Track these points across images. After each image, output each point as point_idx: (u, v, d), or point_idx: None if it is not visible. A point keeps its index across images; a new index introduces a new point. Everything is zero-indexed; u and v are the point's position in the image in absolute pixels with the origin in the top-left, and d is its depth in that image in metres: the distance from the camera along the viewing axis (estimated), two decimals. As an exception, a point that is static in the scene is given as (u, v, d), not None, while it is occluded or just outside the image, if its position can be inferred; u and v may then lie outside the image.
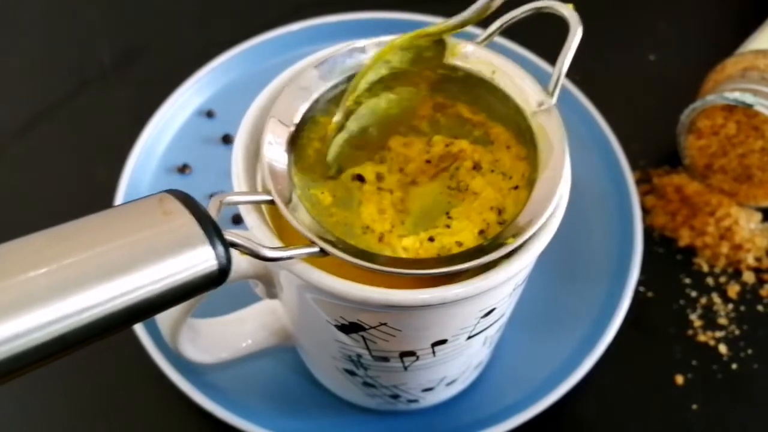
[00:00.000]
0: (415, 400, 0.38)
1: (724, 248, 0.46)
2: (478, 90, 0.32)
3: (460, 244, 0.29)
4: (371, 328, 0.30)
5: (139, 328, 0.40)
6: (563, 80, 0.30)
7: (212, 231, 0.23)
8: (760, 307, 0.45)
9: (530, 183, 0.29)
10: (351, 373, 0.35)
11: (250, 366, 0.40)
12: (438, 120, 0.33)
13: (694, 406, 0.41)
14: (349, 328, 0.30)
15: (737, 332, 0.44)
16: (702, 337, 0.43)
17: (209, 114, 0.50)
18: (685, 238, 0.47)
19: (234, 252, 0.25)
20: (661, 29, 0.58)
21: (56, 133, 0.52)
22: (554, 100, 0.30)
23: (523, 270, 0.29)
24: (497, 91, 0.31)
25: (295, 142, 0.30)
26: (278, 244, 0.28)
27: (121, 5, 0.59)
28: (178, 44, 0.56)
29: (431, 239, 0.30)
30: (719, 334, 0.44)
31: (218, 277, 0.23)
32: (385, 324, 0.29)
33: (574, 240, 0.45)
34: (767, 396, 0.42)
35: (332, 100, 0.32)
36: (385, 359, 0.32)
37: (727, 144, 0.46)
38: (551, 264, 0.43)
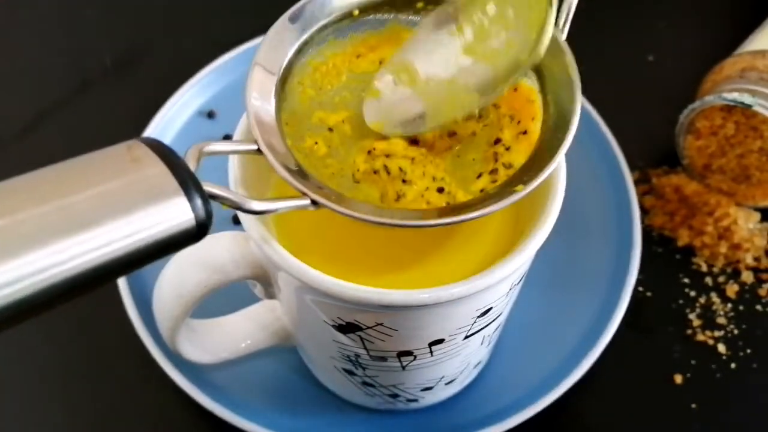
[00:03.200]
0: (415, 400, 0.38)
1: (723, 248, 0.46)
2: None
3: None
4: (368, 328, 0.30)
5: (139, 327, 0.40)
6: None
7: (188, 181, 0.21)
8: (758, 307, 0.45)
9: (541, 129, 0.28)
10: (350, 372, 0.35)
11: (251, 365, 0.41)
12: None
13: (693, 405, 0.41)
14: (347, 328, 0.30)
15: (736, 332, 0.44)
16: (701, 337, 0.44)
17: (210, 114, 0.50)
18: (683, 237, 0.47)
19: (230, 249, 0.23)
20: (659, 30, 0.58)
21: (57, 133, 0.52)
22: (564, 36, 0.29)
23: (519, 269, 0.29)
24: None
25: (283, 90, 0.29)
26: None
27: (122, 6, 0.59)
28: (180, 45, 0.56)
29: (440, 190, 0.29)
30: (718, 333, 0.44)
31: (197, 232, 0.21)
32: (381, 324, 0.29)
33: (572, 239, 0.45)
34: (766, 395, 0.42)
35: (322, 42, 0.30)
36: (383, 359, 0.33)
37: (726, 144, 0.47)
38: (550, 264, 0.43)
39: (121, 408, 0.41)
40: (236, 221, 0.44)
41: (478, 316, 0.31)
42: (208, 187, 0.22)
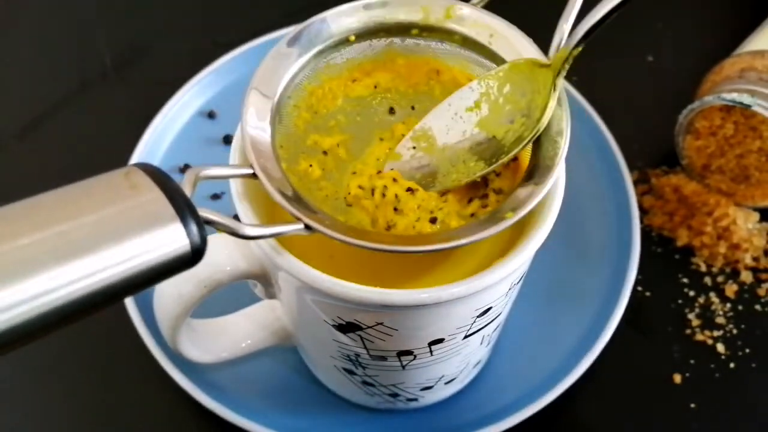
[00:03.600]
0: (415, 399, 0.38)
1: (722, 248, 0.46)
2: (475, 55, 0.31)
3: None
4: (368, 327, 0.30)
5: (140, 327, 0.40)
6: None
7: (184, 207, 0.21)
8: (757, 307, 0.45)
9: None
10: (350, 372, 0.35)
11: (251, 365, 0.41)
12: (432, 87, 0.33)
13: (693, 405, 0.41)
14: (347, 328, 0.30)
15: (735, 331, 0.44)
16: (700, 337, 0.44)
17: (210, 115, 0.50)
18: (683, 237, 0.47)
19: (230, 248, 0.24)
20: (658, 30, 0.58)
21: (57, 133, 0.52)
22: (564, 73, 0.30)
23: (518, 269, 0.29)
24: (495, 58, 0.31)
25: (279, 113, 0.30)
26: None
27: (122, 6, 0.59)
28: (180, 45, 0.56)
29: (432, 220, 0.29)
30: (717, 333, 0.44)
31: (191, 258, 0.22)
32: (381, 323, 0.29)
33: (571, 240, 0.45)
34: (765, 395, 0.42)
35: (318, 67, 0.31)
36: (383, 358, 0.33)
37: (725, 144, 0.47)
38: (549, 264, 0.43)
39: (122, 407, 0.41)
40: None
41: (478, 316, 0.31)
42: (204, 213, 0.22)
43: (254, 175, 0.27)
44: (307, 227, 0.26)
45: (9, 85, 0.55)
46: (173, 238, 0.21)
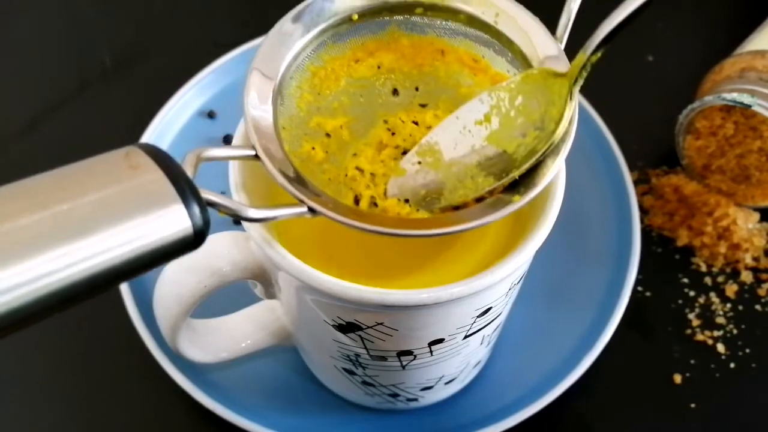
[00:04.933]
0: (415, 399, 0.38)
1: (722, 248, 0.46)
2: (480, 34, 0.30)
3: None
4: (368, 327, 0.30)
5: (140, 327, 0.40)
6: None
7: (186, 188, 0.21)
8: (758, 307, 0.45)
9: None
10: (350, 372, 0.35)
11: (251, 365, 0.41)
12: (437, 68, 0.32)
13: (693, 405, 0.41)
14: (347, 328, 0.30)
15: (735, 331, 0.44)
16: (700, 337, 0.44)
17: (210, 115, 0.50)
18: (683, 237, 0.47)
19: (230, 248, 0.23)
20: (659, 30, 0.58)
21: (57, 134, 0.52)
22: (563, 45, 0.29)
23: (518, 269, 0.29)
24: (500, 37, 0.30)
25: (281, 94, 0.29)
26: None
27: (122, 6, 0.59)
28: (180, 45, 0.56)
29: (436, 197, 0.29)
30: (717, 333, 0.44)
31: (194, 240, 0.21)
32: (381, 324, 0.29)
33: (572, 240, 0.45)
34: (765, 395, 0.42)
35: (321, 46, 0.30)
36: (383, 358, 0.33)
37: (725, 144, 0.47)
38: (549, 264, 0.43)
39: (122, 408, 0.41)
40: (236, 221, 0.44)
41: (478, 316, 0.31)
42: (206, 195, 0.22)
43: (256, 157, 0.27)
44: (311, 210, 0.25)
45: (9, 85, 0.55)
46: (175, 220, 0.20)
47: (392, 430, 0.40)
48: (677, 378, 0.42)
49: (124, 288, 0.42)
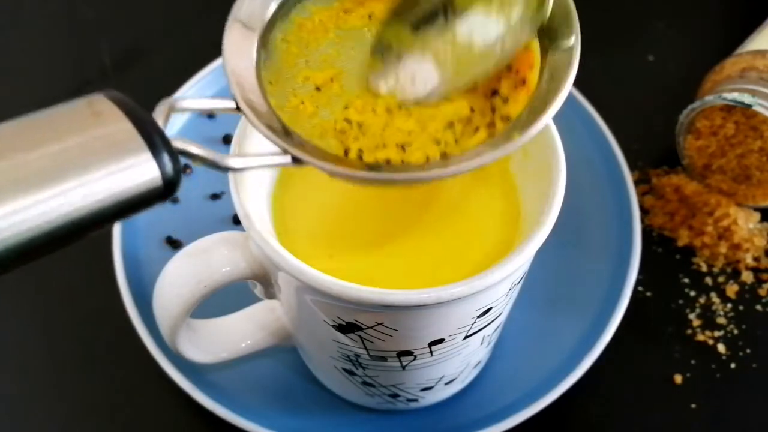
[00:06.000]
0: (415, 399, 0.38)
1: (723, 248, 0.46)
2: None
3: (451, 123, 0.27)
4: (368, 327, 0.30)
5: (139, 327, 0.40)
6: None
7: (154, 135, 0.20)
8: (758, 307, 0.45)
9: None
10: (350, 372, 0.35)
11: (251, 365, 0.41)
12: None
13: (693, 406, 0.41)
14: (347, 328, 0.30)
15: (736, 332, 0.44)
16: (701, 337, 0.44)
17: (210, 115, 0.50)
18: (683, 237, 0.47)
19: (230, 248, 0.23)
20: (659, 29, 0.58)
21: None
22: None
23: (518, 269, 0.29)
24: None
25: (266, 47, 0.28)
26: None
27: (121, 5, 0.59)
28: (179, 45, 0.56)
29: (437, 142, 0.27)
30: (718, 333, 0.44)
31: (164, 190, 0.20)
32: (381, 324, 0.29)
33: (572, 240, 0.45)
34: (766, 395, 0.42)
35: None
36: (383, 359, 0.33)
37: (726, 144, 0.47)
38: (550, 264, 0.43)
39: (121, 408, 0.41)
40: (236, 221, 0.44)
41: (478, 316, 0.31)
42: (178, 144, 0.21)
43: (238, 109, 0.26)
44: (295, 159, 0.24)
45: (9, 85, 0.55)
46: (143, 170, 0.20)
47: (392, 430, 0.40)
48: (678, 378, 0.42)
49: (123, 287, 0.42)
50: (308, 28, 0.30)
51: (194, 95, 0.50)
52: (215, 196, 0.47)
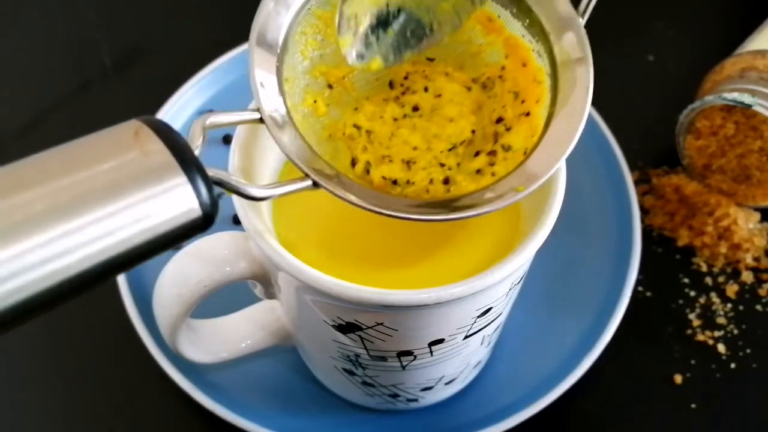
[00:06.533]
0: (415, 399, 0.38)
1: (723, 248, 0.46)
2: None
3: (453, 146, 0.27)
4: (368, 327, 0.30)
5: (139, 327, 0.40)
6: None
7: (193, 168, 0.20)
8: (758, 307, 0.45)
9: (545, 118, 0.28)
10: (350, 372, 0.35)
11: (251, 365, 0.41)
12: (447, 10, 0.30)
13: (693, 406, 0.41)
14: (347, 328, 0.30)
15: (736, 332, 0.44)
16: (701, 337, 0.44)
17: (210, 115, 0.50)
18: (683, 237, 0.47)
19: (230, 248, 0.23)
20: (659, 29, 0.58)
21: (57, 133, 0.51)
22: (584, 21, 0.28)
23: (518, 269, 0.29)
24: (521, 2, 0.29)
25: (285, 42, 0.28)
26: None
27: (121, 5, 0.59)
28: (179, 44, 0.56)
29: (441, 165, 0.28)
30: (718, 333, 0.44)
31: (202, 222, 0.21)
32: (381, 324, 0.29)
33: (572, 240, 0.45)
34: (766, 395, 0.42)
35: None
36: (383, 359, 0.33)
37: (726, 144, 0.47)
38: (550, 264, 0.43)
39: (122, 408, 0.41)
40: (236, 221, 0.44)
41: (478, 316, 0.31)
42: (213, 174, 0.21)
43: (261, 121, 0.26)
44: (315, 184, 0.25)
45: (9, 85, 0.55)
46: (182, 202, 0.20)
47: (392, 430, 0.40)
48: (678, 378, 0.42)
49: (124, 287, 0.42)
50: (326, 20, 0.30)
51: (194, 95, 0.50)
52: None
